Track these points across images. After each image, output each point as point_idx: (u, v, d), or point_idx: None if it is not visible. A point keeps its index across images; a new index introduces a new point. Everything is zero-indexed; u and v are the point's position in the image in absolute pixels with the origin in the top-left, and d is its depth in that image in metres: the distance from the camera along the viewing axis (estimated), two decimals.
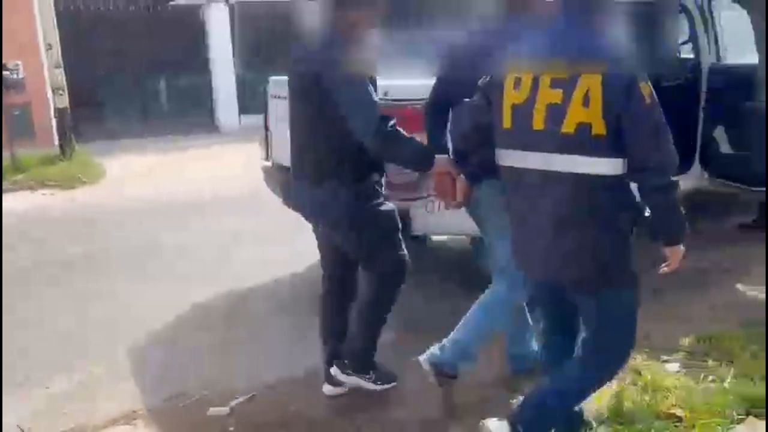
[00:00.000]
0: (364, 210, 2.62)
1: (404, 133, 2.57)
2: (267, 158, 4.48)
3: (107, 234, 5.74)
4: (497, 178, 2.21)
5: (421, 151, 2.64)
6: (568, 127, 1.88)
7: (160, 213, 6.26)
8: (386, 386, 2.84)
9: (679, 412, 2.56)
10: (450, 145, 2.57)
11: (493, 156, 2.15)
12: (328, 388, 2.89)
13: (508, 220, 2.19)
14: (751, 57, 3.62)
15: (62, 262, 4.92)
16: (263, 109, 4.37)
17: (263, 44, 12.43)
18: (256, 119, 5.03)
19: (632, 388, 2.77)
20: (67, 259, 4.97)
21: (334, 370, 2.83)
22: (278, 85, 4.25)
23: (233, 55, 12.48)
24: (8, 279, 4.35)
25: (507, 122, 2.02)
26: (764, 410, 2.44)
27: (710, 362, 2.97)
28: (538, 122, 1.93)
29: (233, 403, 2.90)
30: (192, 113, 12.41)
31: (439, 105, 2.64)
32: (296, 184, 2.76)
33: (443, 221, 3.29)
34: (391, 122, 2.52)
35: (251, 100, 11.23)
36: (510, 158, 2.06)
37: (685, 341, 3.18)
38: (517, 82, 1.97)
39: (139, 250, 5.16)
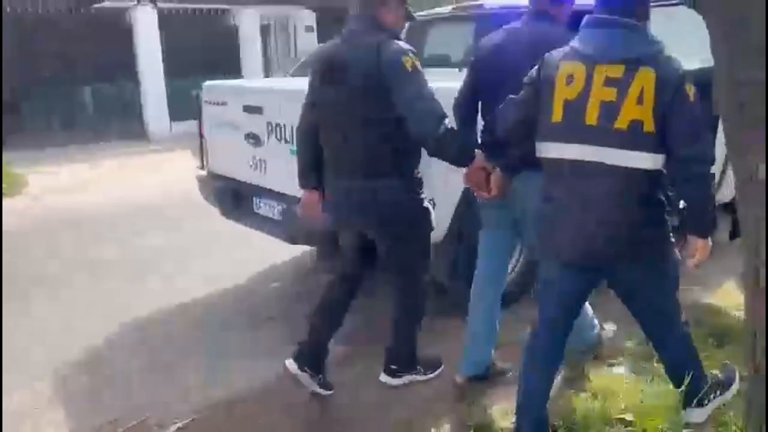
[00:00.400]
0: (412, 205, 2.68)
1: (456, 129, 2.60)
2: (202, 167, 4.30)
3: (28, 249, 5.37)
4: (536, 169, 2.30)
5: (466, 148, 2.64)
6: (621, 123, 1.99)
7: (87, 226, 5.93)
8: (438, 371, 2.96)
9: (629, 416, 2.59)
10: (480, 140, 2.69)
11: (533, 149, 2.24)
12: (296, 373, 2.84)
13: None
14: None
15: None
16: (197, 116, 4.19)
17: (191, 49, 12.16)
18: (188, 126, 4.85)
19: (582, 395, 2.79)
20: None
21: (384, 378, 2.90)
22: (213, 90, 4.08)
23: (163, 60, 12.08)
24: None
25: (557, 116, 2.10)
26: None
27: (655, 364, 3.00)
28: (591, 118, 2.03)
29: (173, 428, 2.73)
30: (120, 120, 11.91)
31: (467, 103, 2.74)
32: (335, 183, 2.71)
33: None
34: (447, 119, 2.52)
35: (183, 106, 10.90)
36: (557, 150, 2.14)
37: (630, 344, 3.21)
38: (570, 79, 2.07)
39: (63, 266, 4.84)
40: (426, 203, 2.74)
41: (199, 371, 3.23)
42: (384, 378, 2.91)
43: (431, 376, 2.96)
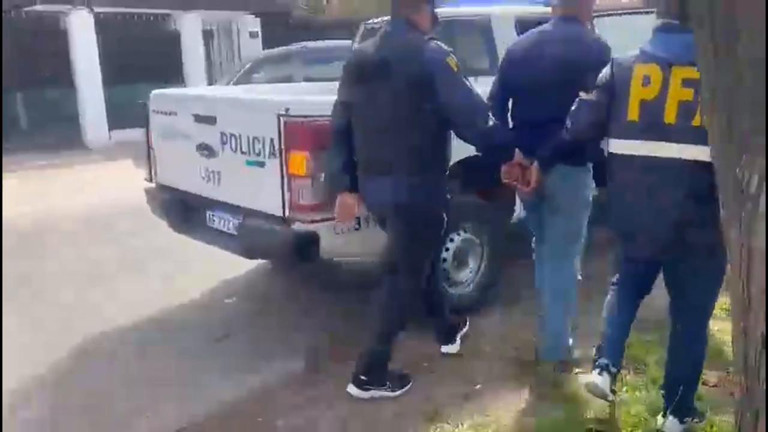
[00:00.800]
0: (440, 203, 2.78)
1: (499, 125, 2.73)
2: (150, 179, 4.11)
3: None
4: (568, 163, 2.68)
5: (508, 143, 2.78)
6: (697, 121, 2.08)
7: (24, 241, 5.59)
8: (405, 389, 2.89)
9: (599, 426, 2.59)
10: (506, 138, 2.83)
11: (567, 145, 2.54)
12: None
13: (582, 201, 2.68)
14: None
15: None
16: (144, 125, 4.00)
17: (131, 55, 11.77)
18: (128, 134, 4.63)
19: (550, 404, 2.78)
20: None
21: (353, 389, 2.84)
22: (161, 99, 3.91)
23: (100, 66, 11.62)
24: None
25: (633, 115, 2.25)
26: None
27: (621, 370, 3.02)
28: (670, 116, 2.17)
29: None
30: (56, 129, 11.34)
31: (498, 103, 2.90)
32: (371, 180, 2.75)
33: (354, 242, 3.13)
34: (491, 117, 2.66)
35: (122, 114, 10.52)
36: (633, 147, 2.27)
37: (592, 351, 3.22)
38: (646, 80, 2.21)
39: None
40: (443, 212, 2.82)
41: (153, 396, 3.06)
42: (352, 390, 2.86)
43: (399, 393, 2.89)
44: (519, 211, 3.71)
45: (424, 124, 2.64)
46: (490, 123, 2.63)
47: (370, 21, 4.87)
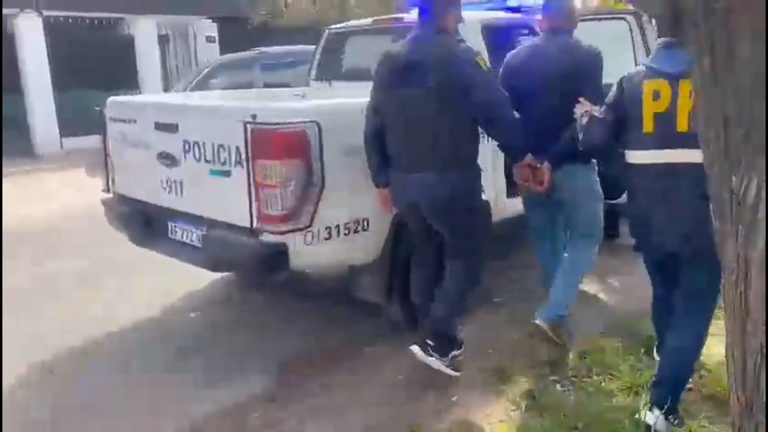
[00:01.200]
0: (477, 194, 2.93)
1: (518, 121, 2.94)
2: (107, 189, 3.93)
3: None
4: (573, 162, 3.06)
5: (525, 141, 2.99)
6: None
7: None
8: (455, 373, 3.00)
9: None
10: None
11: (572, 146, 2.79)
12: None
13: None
14: None
15: None
16: (100, 132, 3.82)
17: (83, 60, 11.42)
18: (81, 142, 4.42)
19: (528, 413, 2.74)
20: None
21: (415, 349, 2.99)
22: (118, 106, 3.75)
23: (50, 72, 11.22)
24: None
25: (648, 128, 2.41)
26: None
27: (594, 377, 3.02)
28: (682, 125, 2.32)
29: None
30: (3, 137, 10.88)
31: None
32: (406, 178, 2.88)
33: (324, 252, 3.04)
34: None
35: (75, 121, 10.17)
36: (651, 157, 2.43)
37: (566, 358, 3.21)
38: (656, 94, 2.37)
39: None
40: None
41: (109, 425, 2.89)
42: (414, 348, 3.01)
43: (451, 371, 3.01)
44: None
45: (461, 122, 2.80)
46: (514, 118, 2.90)
47: (335, 26, 4.80)
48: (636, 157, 2.50)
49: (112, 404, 3.02)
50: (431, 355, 2.98)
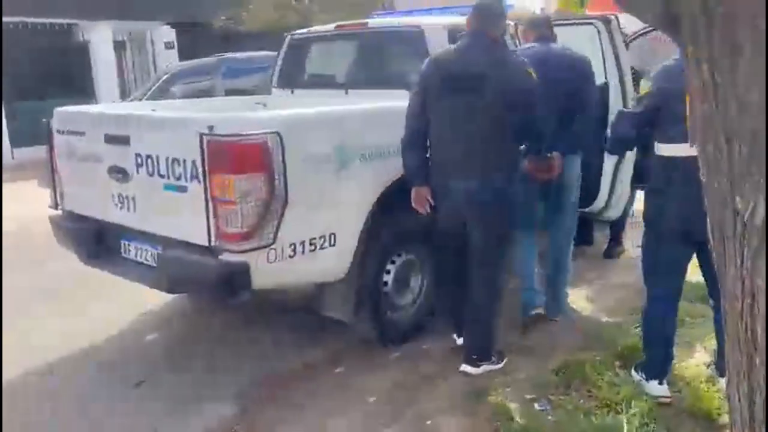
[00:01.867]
0: (514, 199, 3.07)
1: None
2: (55, 205, 3.69)
3: None
4: (572, 152, 3.44)
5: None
6: None
7: None
8: (504, 361, 3.20)
9: None
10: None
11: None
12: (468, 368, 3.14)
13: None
14: None
15: None
16: (47, 145, 3.58)
17: (36, 67, 11.00)
18: (34, 152, 4.16)
19: None
20: None
21: (467, 368, 3.12)
22: (66, 117, 3.52)
23: (1, 80, 10.76)
24: None
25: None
26: None
27: (573, 393, 2.91)
28: None
29: None
30: None
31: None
32: (449, 183, 3.01)
33: (289, 271, 2.87)
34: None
35: (27, 131, 9.75)
36: (685, 150, 2.34)
37: (542, 374, 3.10)
38: None
39: None
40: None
41: None
42: (467, 368, 3.12)
43: (501, 365, 3.17)
44: None
45: (509, 127, 2.95)
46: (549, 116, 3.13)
47: (298, 32, 4.63)
48: (676, 150, 2.56)
49: None
50: (480, 365, 3.13)
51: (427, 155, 3.07)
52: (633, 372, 2.94)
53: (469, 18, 3.03)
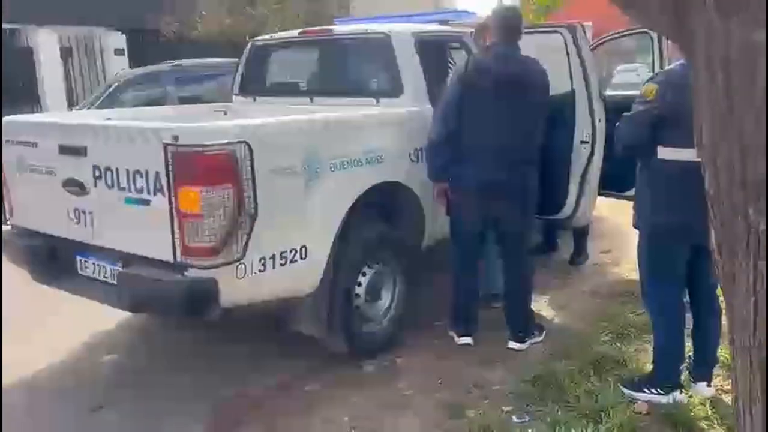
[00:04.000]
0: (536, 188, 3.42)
1: None
2: (4, 221, 3.47)
3: None
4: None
5: None
6: None
7: None
8: (544, 333, 3.57)
9: None
10: None
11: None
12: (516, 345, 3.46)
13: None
14: None
15: None
16: None
17: None
18: None
19: None
20: None
21: (514, 344, 3.43)
22: (15, 127, 3.31)
23: None
24: None
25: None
26: None
27: (550, 404, 2.88)
28: None
29: None
30: None
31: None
32: (482, 177, 3.26)
33: (259, 286, 2.76)
34: None
35: None
36: (689, 154, 2.28)
37: (518, 385, 3.06)
38: None
39: None
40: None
41: None
42: (514, 345, 3.43)
43: (542, 337, 3.53)
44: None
45: (535, 127, 3.32)
46: None
47: (260, 38, 4.51)
48: (672, 154, 2.63)
49: None
50: (526, 340, 3.45)
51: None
52: (640, 389, 2.90)
53: (493, 29, 3.31)
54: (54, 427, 2.91)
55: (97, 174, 2.87)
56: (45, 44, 12.09)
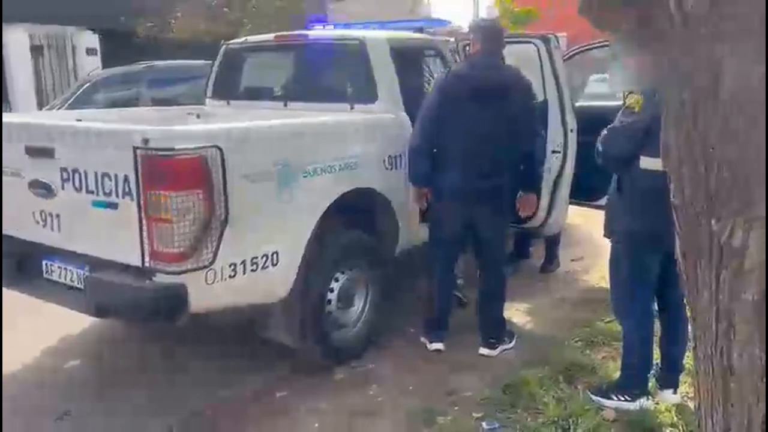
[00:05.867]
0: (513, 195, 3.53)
1: None
2: None
3: None
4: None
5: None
6: None
7: None
8: (515, 339, 3.60)
9: None
10: None
11: None
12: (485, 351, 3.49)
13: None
14: None
15: None
16: None
17: None
18: None
19: None
20: None
21: (485, 351, 3.47)
22: None
23: None
24: None
25: None
26: None
27: (519, 411, 2.90)
28: None
29: None
30: None
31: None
32: (462, 183, 3.31)
33: (229, 292, 2.73)
34: None
35: None
36: None
37: (489, 392, 3.07)
38: None
39: None
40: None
41: None
42: (485, 351, 3.47)
43: (513, 343, 3.56)
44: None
45: (515, 134, 3.34)
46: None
47: (234, 41, 4.48)
48: (651, 163, 2.60)
49: None
50: (498, 346, 3.49)
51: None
52: (607, 396, 2.93)
53: (476, 39, 3.37)
54: None
55: (65, 176, 2.81)
56: (15, 42, 11.85)
